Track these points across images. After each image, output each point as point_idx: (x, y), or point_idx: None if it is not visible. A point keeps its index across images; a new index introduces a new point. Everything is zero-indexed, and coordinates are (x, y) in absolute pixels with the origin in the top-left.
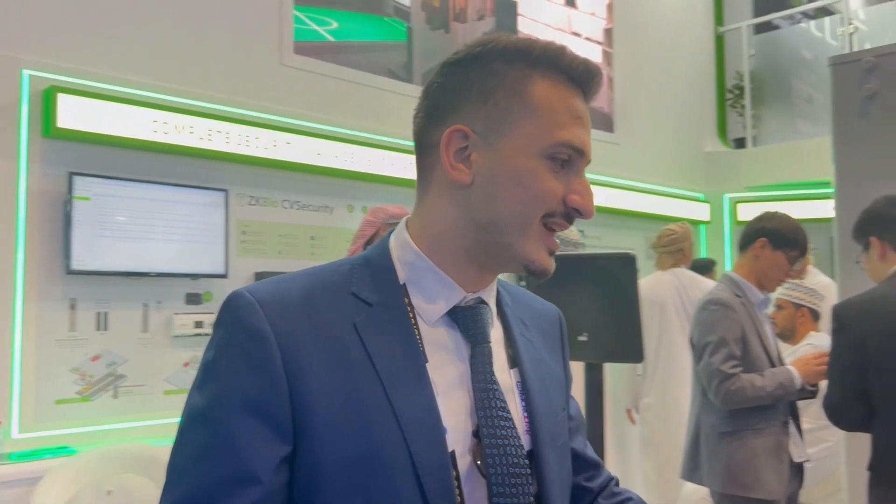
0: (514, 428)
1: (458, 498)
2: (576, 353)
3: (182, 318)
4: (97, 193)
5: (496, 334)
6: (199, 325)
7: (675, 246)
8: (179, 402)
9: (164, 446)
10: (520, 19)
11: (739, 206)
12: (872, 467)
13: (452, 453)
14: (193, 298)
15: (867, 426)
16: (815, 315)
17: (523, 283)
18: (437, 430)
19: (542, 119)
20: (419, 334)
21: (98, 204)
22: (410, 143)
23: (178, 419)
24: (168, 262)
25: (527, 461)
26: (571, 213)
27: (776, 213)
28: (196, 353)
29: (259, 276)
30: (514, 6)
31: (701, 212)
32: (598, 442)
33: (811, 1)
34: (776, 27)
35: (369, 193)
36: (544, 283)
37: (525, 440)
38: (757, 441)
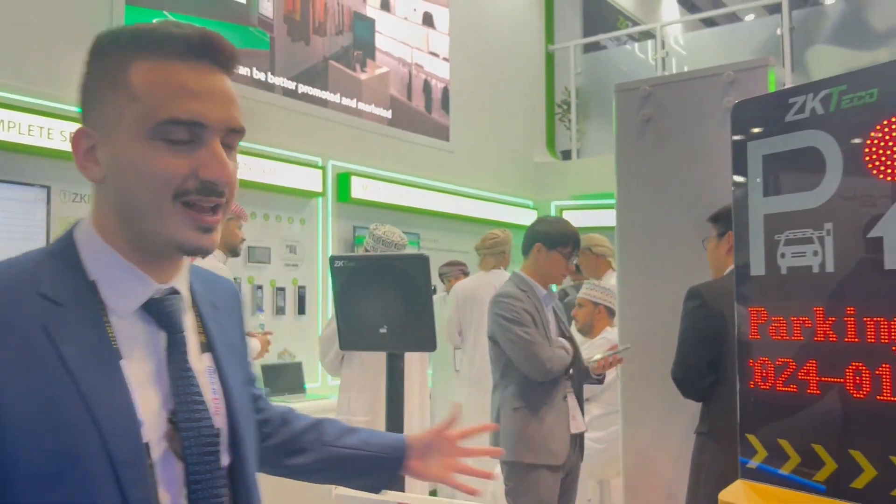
0: (207, 411)
1: (153, 484)
2: (377, 344)
3: None
4: None
5: (189, 321)
6: None
7: (497, 249)
8: None
9: None
10: (378, 36)
11: (565, 213)
12: (710, 431)
13: (147, 444)
14: None
15: (706, 395)
16: (611, 312)
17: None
18: (133, 424)
19: (143, 102)
20: (112, 331)
21: None
22: (260, 147)
23: None
24: None
25: (217, 439)
26: (207, 186)
27: (546, 217)
28: None
29: None
30: (371, 23)
31: (530, 218)
32: (398, 427)
33: (635, 25)
34: (603, 48)
35: None
36: (351, 282)
37: (218, 419)
38: (545, 413)
